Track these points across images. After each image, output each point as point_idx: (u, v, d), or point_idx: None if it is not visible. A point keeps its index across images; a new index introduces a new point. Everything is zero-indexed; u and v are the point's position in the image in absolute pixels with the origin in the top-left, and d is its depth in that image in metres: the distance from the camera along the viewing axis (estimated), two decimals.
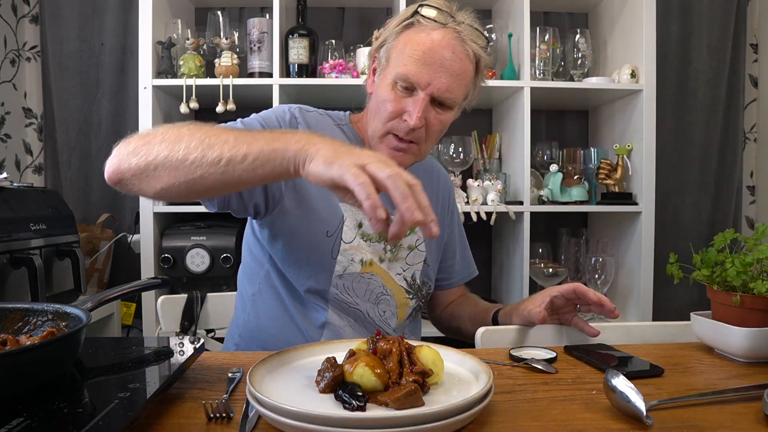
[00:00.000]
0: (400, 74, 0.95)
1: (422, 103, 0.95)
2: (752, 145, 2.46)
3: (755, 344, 0.84)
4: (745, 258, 0.88)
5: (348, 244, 1.04)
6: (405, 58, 0.95)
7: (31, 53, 2.26)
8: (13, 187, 1.56)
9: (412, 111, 0.95)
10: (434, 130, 0.99)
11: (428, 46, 0.94)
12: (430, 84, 0.94)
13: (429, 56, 0.94)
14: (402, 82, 0.96)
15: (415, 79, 0.95)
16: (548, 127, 2.39)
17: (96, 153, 2.23)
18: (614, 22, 2.15)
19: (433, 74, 0.94)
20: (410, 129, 0.96)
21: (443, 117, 0.99)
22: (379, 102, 0.99)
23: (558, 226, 2.26)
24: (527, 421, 0.63)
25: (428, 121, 0.97)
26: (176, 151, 0.74)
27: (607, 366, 0.79)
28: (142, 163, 0.76)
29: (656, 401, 0.66)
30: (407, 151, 1.00)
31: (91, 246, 2.03)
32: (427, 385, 0.66)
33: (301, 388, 0.67)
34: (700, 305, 1.59)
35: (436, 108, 0.98)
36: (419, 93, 0.95)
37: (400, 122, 0.97)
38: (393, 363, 0.65)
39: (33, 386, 0.59)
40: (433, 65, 0.94)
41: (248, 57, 1.94)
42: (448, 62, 0.94)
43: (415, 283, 1.12)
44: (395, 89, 0.97)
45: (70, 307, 0.74)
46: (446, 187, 1.23)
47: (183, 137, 0.75)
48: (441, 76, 0.94)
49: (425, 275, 1.14)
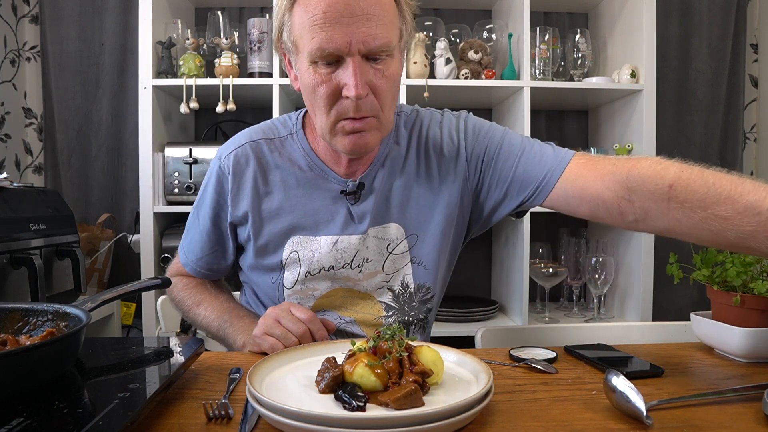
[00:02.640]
0: (314, 50, 0.81)
1: (354, 67, 0.81)
2: (752, 145, 2.46)
3: (755, 344, 0.84)
4: (745, 258, 0.88)
5: (290, 289, 1.01)
6: (309, 34, 0.81)
7: (31, 53, 2.26)
8: (13, 187, 1.56)
9: (349, 82, 0.81)
10: (384, 90, 0.85)
11: (325, 2, 0.79)
12: (351, 42, 0.80)
13: (332, 13, 0.79)
14: (321, 59, 0.82)
15: (332, 47, 0.80)
16: (548, 127, 2.39)
17: (96, 153, 2.24)
18: (614, 22, 2.15)
19: (347, 30, 0.79)
20: (356, 102, 0.82)
21: (387, 71, 0.84)
22: (309, 91, 0.86)
23: (558, 226, 2.26)
24: (527, 421, 0.63)
25: (372, 84, 0.83)
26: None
27: (607, 366, 0.79)
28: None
29: (656, 401, 0.66)
30: (367, 128, 0.86)
31: (91, 246, 2.03)
32: (427, 385, 0.66)
33: (301, 388, 0.67)
34: (700, 305, 1.59)
35: (373, 65, 0.83)
36: (346, 59, 0.81)
37: (342, 102, 0.84)
38: (393, 363, 0.65)
39: (33, 386, 0.59)
40: (341, 21, 0.79)
41: (248, 57, 1.94)
42: (356, 7, 0.79)
43: (405, 294, 1.01)
44: (317, 69, 0.83)
45: (70, 307, 0.74)
46: (434, 135, 1.01)
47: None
48: (357, 26, 0.79)
49: (421, 278, 1.02)
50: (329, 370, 0.66)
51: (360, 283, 1.01)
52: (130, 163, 2.21)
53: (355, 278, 1.00)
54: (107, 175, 2.24)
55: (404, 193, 1.00)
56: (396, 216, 1.00)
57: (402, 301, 1.02)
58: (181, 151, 1.90)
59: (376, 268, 1.00)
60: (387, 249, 1.00)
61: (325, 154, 0.99)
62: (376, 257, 1.00)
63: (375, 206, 0.99)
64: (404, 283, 1.01)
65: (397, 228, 1.00)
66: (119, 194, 2.25)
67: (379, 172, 1.00)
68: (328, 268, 0.99)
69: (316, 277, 1.00)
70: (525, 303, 1.93)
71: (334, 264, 0.99)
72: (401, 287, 1.01)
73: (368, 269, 1.00)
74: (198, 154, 1.89)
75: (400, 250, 1.00)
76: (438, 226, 1.00)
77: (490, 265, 2.35)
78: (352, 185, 0.97)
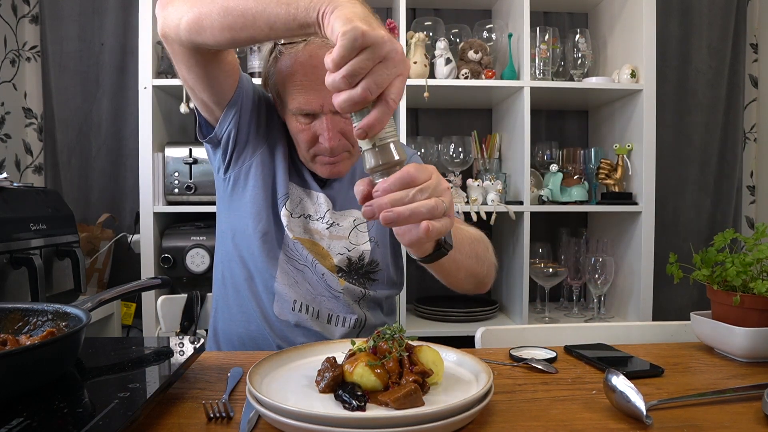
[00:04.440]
0: (294, 109, 0.99)
1: (328, 124, 0.98)
2: (752, 145, 2.46)
3: (755, 344, 0.84)
4: (745, 258, 0.88)
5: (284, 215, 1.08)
6: (290, 92, 0.98)
7: (31, 53, 2.26)
8: (13, 187, 1.56)
9: (324, 135, 0.99)
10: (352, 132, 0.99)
11: (301, 71, 0.96)
12: (323, 104, 0.97)
13: (307, 80, 0.96)
14: (300, 115, 0.99)
15: (308, 108, 0.98)
16: (548, 126, 2.40)
17: (96, 153, 2.24)
18: (614, 22, 2.15)
19: (319, 95, 0.96)
20: (330, 149, 0.99)
21: None
22: (294, 134, 1.04)
23: (558, 226, 2.26)
24: (527, 421, 0.63)
25: (344, 130, 1.00)
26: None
27: (607, 366, 0.79)
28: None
29: (656, 401, 0.66)
30: (341, 161, 1.04)
31: (91, 246, 2.03)
32: (427, 385, 0.66)
33: (301, 388, 0.67)
34: (700, 305, 1.59)
35: (345, 116, 0.98)
36: (321, 116, 0.99)
37: (320, 146, 1.01)
38: (393, 363, 0.65)
39: (33, 386, 0.59)
40: (314, 86, 0.96)
41: (248, 57, 1.94)
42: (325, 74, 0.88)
43: (360, 264, 1.11)
44: (298, 119, 1.00)
45: (70, 307, 0.74)
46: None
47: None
48: (328, 93, 0.86)
49: (376, 255, 1.12)
50: (329, 370, 0.66)
51: (324, 240, 1.09)
52: (130, 163, 2.21)
53: (322, 233, 1.09)
54: (107, 175, 2.24)
55: None
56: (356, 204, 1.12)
57: (353, 268, 1.11)
58: (181, 151, 1.90)
59: (343, 234, 1.11)
60: (353, 223, 1.12)
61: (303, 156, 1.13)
62: (345, 225, 1.11)
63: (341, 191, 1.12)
64: (362, 255, 1.11)
65: (358, 213, 1.12)
66: (119, 194, 2.25)
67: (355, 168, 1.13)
68: (307, 215, 1.10)
69: (296, 219, 1.09)
70: (525, 303, 1.94)
71: (312, 214, 1.10)
72: (358, 259, 1.11)
73: (336, 232, 1.10)
74: (198, 154, 1.89)
75: (362, 228, 1.13)
76: None
77: None
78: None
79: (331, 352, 0.76)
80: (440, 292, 2.15)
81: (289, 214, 1.07)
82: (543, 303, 2.09)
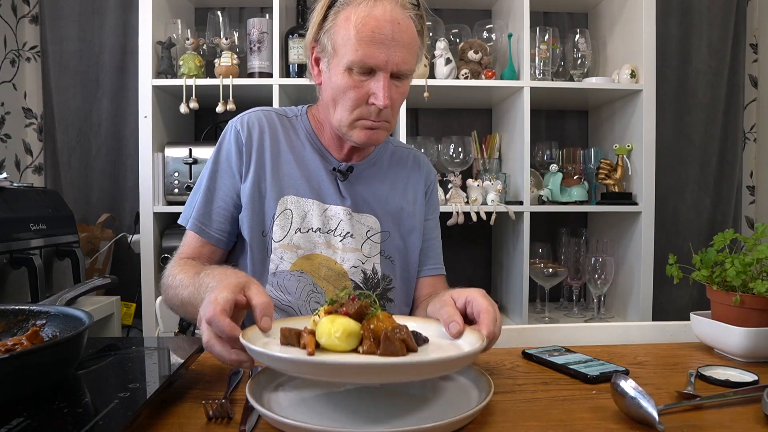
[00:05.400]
0: (356, 61, 0.95)
1: (386, 83, 0.96)
2: (752, 145, 2.46)
3: (755, 344, 0.85)
4: (745, 258, 0.88)
5: (278, 242, 1.06)
6: (354, 43, 0.94)
7: (31, 53, 2.26)
8: (13, 187, 1.56)
9: (378, 94, 0.96)
10: (398, 103, 1.02)
11: (374, 24, 0.94)
12: (388, 62, 0.95)
13: (378, 35, 0.94)
14: (359, 68, 0.96)
15: (372, 63, 0.95)
16: (548, 127, 2.39)
17: (96, 153, 2.24)
18: (614, 22, 2.15)
19: (388, 51, 0.94)
20: (380, 110, 0.97)
21: (403, 88, 1.01)
22: (338, 91, 0.99)
23: (558, 226, 2.26)
24: (527, 421, 0.63)
25: (392, 97, 0.98)
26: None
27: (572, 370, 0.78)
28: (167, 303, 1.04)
29: (662, 406, 0.64)
30: (381, 128, 1.02)
31: (91, 246, 2.03)
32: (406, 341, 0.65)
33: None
34: (700, 305, 1.59)
35: (395, 82, 0.98)
36: (379, 74, 0.96)
37: (367, 107, 0.98)
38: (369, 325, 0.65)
39: (38, 388, 0.59)
40: (384, 42, 0.94)
41: (248, 57, 1.95)
42: (397, 35, 0.94)
43: (375, 277, 1.10)
44: (352, 75, 0.97)
45: (71, 309, 0.74)
46: (428, 177, 1.23)
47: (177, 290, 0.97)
48: (395, 51, 0.94)
49: (387, 269, 1.12)
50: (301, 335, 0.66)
51: (338, 253, 1.08)
52: (130, 163, 2.21)
53: (336, 246, 1.08)
54: (107, 175, 2.24)
55: (386, 193, 1.14)
56: (375, 210, 1.12)
57: (370, 285, 1.10)
58: (181, 151, 1.90)
59: (356, 245, 1.09)
60: (366, 234, 1.11)
61: (328, 141, 1.12)
62: (357, 236, 1.10)
63: (360, 193, 1.12)
64: (374, 269, 1.10)
65: (375, 220, 1.12)
66: (119, 194, 2.25)
67: (370, 169, 1.14)
68: (316, 229, 1.08)
69: (304, 235, 1.07)
70: (525, 303, 1.93)
71: (321, 227, 1.08)
72: (372, 272, 1.10)
73: (349, 243, 1.09)
74: (198, 154, 1.89)
75: (375, 239, 1.12)
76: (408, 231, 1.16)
77: (490, 265, 2.35)
78: (344, 166, 1.11)
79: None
80: None
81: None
82: (543, 303, 2.09)
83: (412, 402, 0.66)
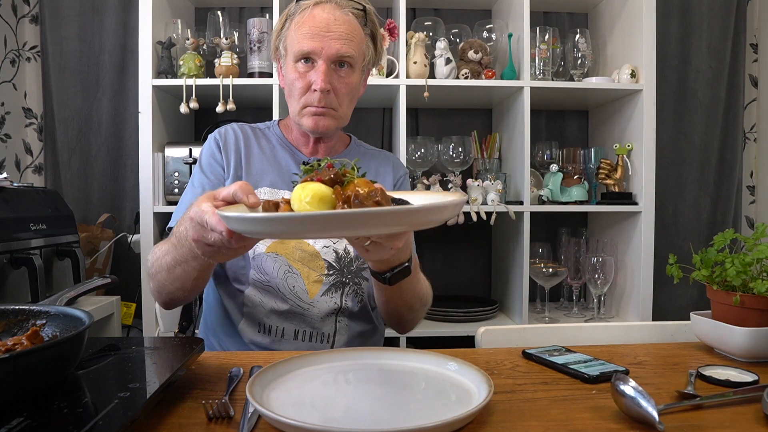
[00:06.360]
0: (296, 52, 1.08)
1: (323, 68, 1.07)
2: (752, 145, 2.46)
3: (755, 344, 0.85)
4: (745, 258, 0.88)
5: None
6: (297, 39, 1.08)
7: (31, 53, 2.26)
8: (13, 187, 1.56)
9: (317, 78, 1.07)
10: (343, 92, 1.11)
11: (312, 21, 1.07)
12: (323, 49, 1.06)
13: (315, 29, 1.07)
14: (300, 57, 1.08)
15: (309, 50, 1.07)
16: (548, 126, 2.39)
17: (96, 153, 2.24)
18: (614, 22, 2.15)
19: (323, 41, 1.06)
20: (320, 94, 1.07)
21: (347, 79, 1.10)
22: (290, 84, 1.12)
23: (558, 226, 2.26)
24: (527, 421, 0.63)
25: (335, 85, 1.09)
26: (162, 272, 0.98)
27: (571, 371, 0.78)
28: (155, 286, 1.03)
29: (662, 405, 0.65)
30: (325, 114, 1.11)
31: (91, 246, 2.03)
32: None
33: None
34: (700, 305, 1.59)
35: (338, 71, 1.09)
36: (318, 61, 1.07)
37: (311, 94, 1.09)
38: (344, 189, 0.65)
39: (38, 388, 0.59)
40: (320, 34, 1.06)
41: (248, 57, 1.94)
42: (333, 26, 1.07)
43: (347, 257, 1.14)
44: (297, 67, 1.09)
45: (71, 309, 0.74)
46: (397, 172, 1.29)
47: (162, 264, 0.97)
48: (331, 41, 1.06)
49: None
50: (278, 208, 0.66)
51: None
52: (130, 163, 2.21)
53: None
54: (107, 175, 2.24)
55: None
56: None
57: (342, 263, 1.14)
58: (181, 151, 1.90)
59: None
60: None
61: (295, 139, 1.23)
62: None
63: None
64: (346, 249, 1.15)
65: None
66: (119, 194, 2.25)
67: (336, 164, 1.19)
68: None
69: None
70: (525, 303, 1.93)
71: None
72: (344, 252, 1.15)
73: None
74: (198, 154, 1.89)
75: None
76: None
77: (490, 265, 2.35)
78: (312, 159, 1.16)
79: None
80: (440, 292, 2.15)
81: None
82: (543, 303, 2.09)
83: (412, 402, 0.67)
